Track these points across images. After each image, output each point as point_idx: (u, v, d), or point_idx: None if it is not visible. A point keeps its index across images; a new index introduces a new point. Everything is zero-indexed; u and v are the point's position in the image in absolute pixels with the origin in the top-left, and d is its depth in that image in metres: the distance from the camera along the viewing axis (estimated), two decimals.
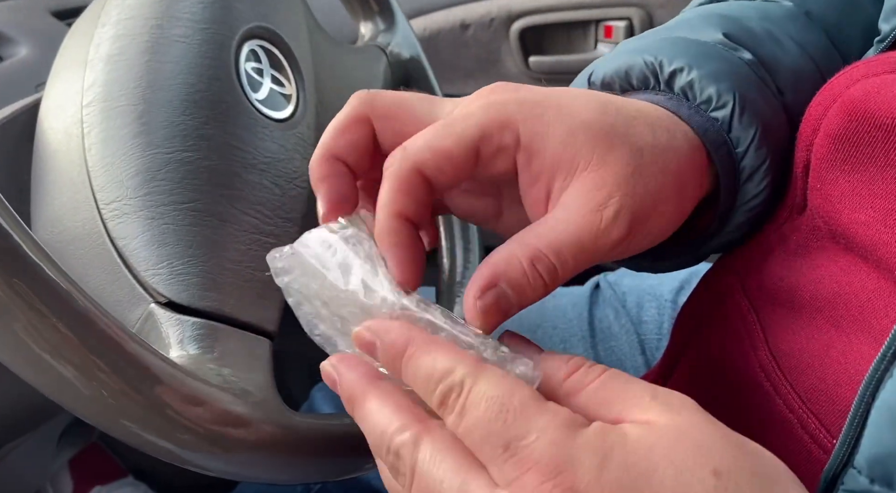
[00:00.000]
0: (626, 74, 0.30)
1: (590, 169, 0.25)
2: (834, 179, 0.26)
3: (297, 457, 0.29)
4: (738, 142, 0.28)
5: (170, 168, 0.32)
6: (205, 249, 0.31)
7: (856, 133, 0.25)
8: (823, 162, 0.26)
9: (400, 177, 0.25)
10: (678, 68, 0.28)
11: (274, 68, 0.38)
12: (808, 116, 0.28)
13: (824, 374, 0.25)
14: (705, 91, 0.28)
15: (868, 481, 0.23)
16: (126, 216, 0.31)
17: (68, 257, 0.32)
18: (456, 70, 0.85)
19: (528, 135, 0.25)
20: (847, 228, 0.26)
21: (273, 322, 0.32)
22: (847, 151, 0.25)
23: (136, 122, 0.32)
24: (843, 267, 0.26)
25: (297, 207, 0.35)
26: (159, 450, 0.26)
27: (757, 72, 0.29)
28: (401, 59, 0.50)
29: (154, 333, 0.29)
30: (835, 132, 0.26)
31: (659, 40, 0.30)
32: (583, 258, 0.25)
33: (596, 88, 0.31)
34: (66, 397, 0.24)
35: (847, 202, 0.26)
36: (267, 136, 0.35)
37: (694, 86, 0.28)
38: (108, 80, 0.33)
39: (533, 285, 0.24)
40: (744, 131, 0.28)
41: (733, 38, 0.30)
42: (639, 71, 0.29)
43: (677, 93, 0.29)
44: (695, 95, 0.28)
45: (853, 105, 0.25)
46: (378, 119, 0.27)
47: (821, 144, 0.27)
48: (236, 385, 0.28)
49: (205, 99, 0.34)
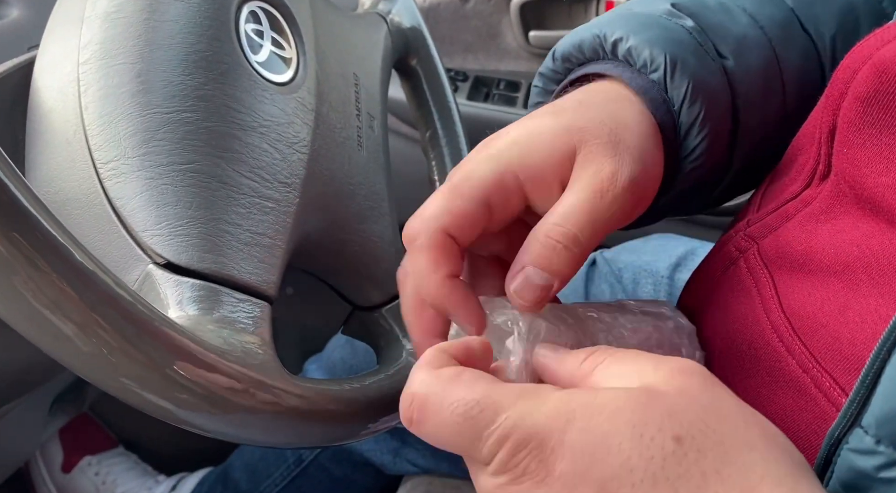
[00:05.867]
0: (580, 48, 0.34)
1: (580, 164, 0.28)
2: (861, 143, 0.26)
3: (296, 420, 0.29)
4: (674, 100, 0.31)
5: (169, 128, 0.31)
6: (204, 210, 0.30)
7: (886, 94, 0.25)
8: (851, 125, 0.27)
9: (435, 243, 0.27)
10: (618, 38, 0.32)
11: (274, 31, 0.38)
12: (835, 80, 0.28)
13: (839, 334, 0.26)
14: (641, 56, 0.31)
15: (874, 441, 0.23)
16: (124, 176, 0.30)
17: (65, 217, 0.31)
18: (455, 43, 0.85)
19: (524, 170, 0.28)
20: (873, 191, 0.26)
21: (272, 286, 0.32)
22: (876, 114, 0.26)
23: (135, 80, 0.31)
24: (866, 232, 0.26)
25: (297, 172, 0.35)
26: (158, 410, 0.26)
27: (697, 37, 0.32)
28: (401, 27, 0.49)
29: (152, 294, 0.29)
30: (864, 94, 0.26)
31: (609, 15, 0.34)
32: (598, 220, 0.27)
33: (558, 63, 0.35)
34: (64, 353, 0.24)
35: (874, 166, 0.26)
36: (267, 99, 0.35)
37: (632, 52, 0.32)
38: (106, 38, 0.32)
39: (555, 255, 0.27)
40: (676, 89, 0.31)
41: (680, 7, 0.34)
42: (588, 44, 0.33)
43: (621, 60, 0.32)
44: (634, 60, 0.32)
45: (884, 66, 0.26)
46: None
47: (849, 107, 0.27)
48: (236, 347, 0.28)
49: (204, 59, 0.33)
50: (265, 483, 0.73)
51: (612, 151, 0.28)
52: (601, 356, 0.25)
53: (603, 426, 0.21)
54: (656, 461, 0.21)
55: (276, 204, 0.33)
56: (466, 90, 0.81)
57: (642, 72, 0.32)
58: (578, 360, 0.25)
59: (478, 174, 0.28)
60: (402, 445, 0.64)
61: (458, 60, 0.86)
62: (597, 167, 0.28)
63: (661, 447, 0.21)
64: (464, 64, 0.85)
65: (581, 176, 0.28)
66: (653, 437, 0.21)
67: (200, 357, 0.25)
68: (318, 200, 0.36)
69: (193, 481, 0.82)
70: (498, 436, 0.22)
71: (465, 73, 0.83)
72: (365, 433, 0.34)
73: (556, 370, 0.26)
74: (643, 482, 0.21)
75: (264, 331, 0.30)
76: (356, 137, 0.40)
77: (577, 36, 0.34)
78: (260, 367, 0.28)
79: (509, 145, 0.29)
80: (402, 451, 0.64)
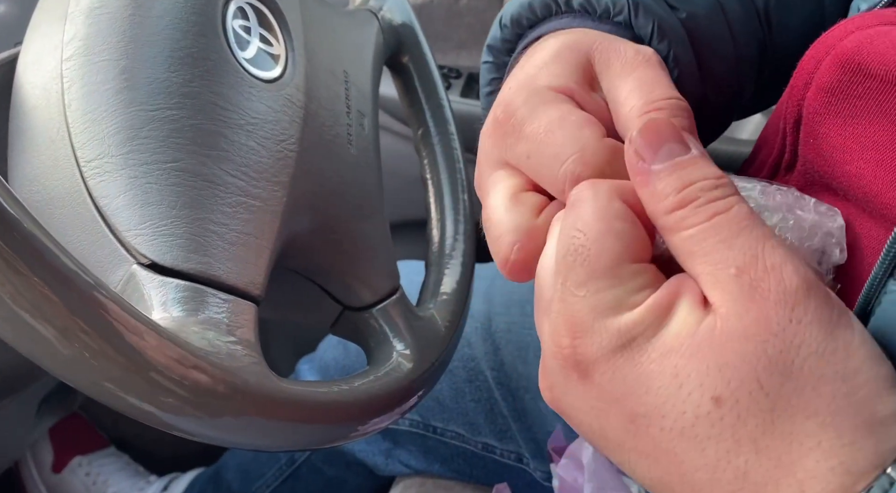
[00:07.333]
0: (530, 7, 0.32)
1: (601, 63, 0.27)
2: (826, 133, 0.26)
3: (284, 423, 0.29)
4: (641, 39, 0.30)
5: (153, 126, 0.31)
6: (189, 209, 0.30)
7: (849, 85, 0.25)
8: (816, 115, 0.27)
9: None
10: None
11: (262, 27, 0.37)
12: (799, 71, 0.28)
13: None
14: (602, 1, 0.31)
15: None
16: (108, 174, 0.30)
17: (47, 217, 0.31)
18: (448, 40, 0.84)
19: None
20: (840, 180, 0.26)
21: (259, 287, 0.31)
22: (839, 104, 0.26)
23: (119, 77, 0.31)
24: (844, 217, 0.26)
25: (285, 171, 0.35)
26: (142, 414, 0.25)
27: None
28: (393, 24, 0.49)
29: (136, 295, 0.28)
30: (827, 85, 0.26)
31: None
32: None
33: (507, 30, 0.33)
34: (45, 357, 0.23)
35: (838, 156, 0.26)
36: (254, 96, 0.34)
37: (591, 0, 0.31)
38: (90, 34, 0.32)
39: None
40: (643, 29, 0.30)
41: None
42: (539, 1, 0.32)
43: (578, 10, 0.31)
44: (593, 7, 0.31)
45: (846, 57, 0.26)
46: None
47: (813, 98, 0.27)
48: (221, 348, 0.27)
49: (190, 56, 0.33)
50: (257, 484, 0.73)
51: (619, 42, 0.27)
52: (692, 215, 0.21)
53: (650, 366, 0.21)
54: (688, 417, 0.20)
55: (264, 203, 0.33)
56: (460, 88, 0.81)
57: (604, 18, 0.31)
58: (666, 199, 0.21)
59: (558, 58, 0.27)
60: (394, 446, 0.64)
61: (452, 57, 0.85)
62: (620, 49, 0.27)
63: (697, 404, 0.20)
64: (457, 61, 0.85)
65: (612, 65, 0.27)
66: (690, 392, 0.20)
67: (184, 360, 0.25)
68: (307, 199, 0.36)
69: (185, 481, 0.82)
70: (566, 302, 0.22)
71: (458, 70, 0.83)
72: (354, 435, 0.34)
73: (643, 188, 0.22)
74: (671, 431, 0.21)
75: (250, 332, 0.29)
76: (346, 134, 0.39)
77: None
78: (245, 369, 0.27)
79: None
80: (395, 452, 0.64)
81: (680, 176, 0.21)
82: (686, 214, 0.21)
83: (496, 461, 0.61)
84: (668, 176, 0.21)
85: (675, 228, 0.21)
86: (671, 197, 0.21)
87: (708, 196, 0.21)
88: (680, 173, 0.21)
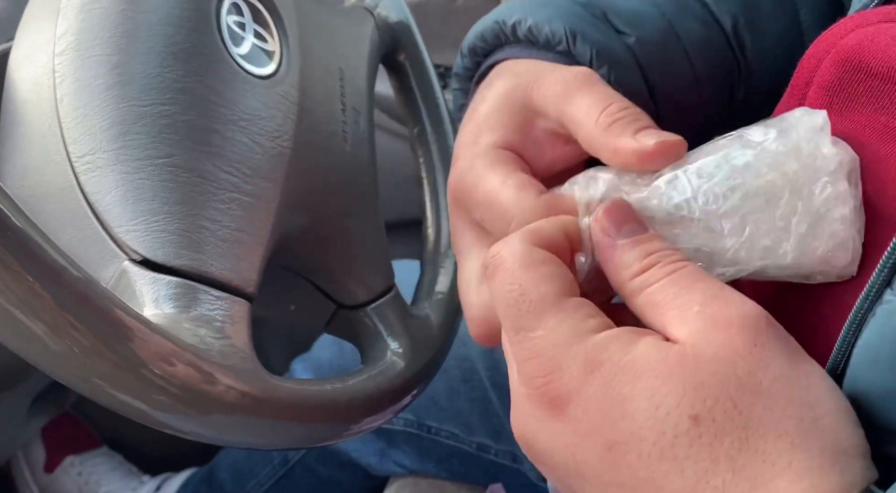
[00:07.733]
0: (482, 37, 0.34)
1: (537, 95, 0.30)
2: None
3: (276, 421, 0.29)
4: (583, 65, 0.32)
5: (146, 121, 0.30)
6: (182, 206, 0.30)
7: (850, 82, 0.26)
8: None
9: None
10: (517, 20, 0.33)
11: (257, 23, 0.37)
12: (800, 69, 0.28)
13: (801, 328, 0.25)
14: (542, 32, 0.32)
15: None
16: (100, 170, 0.29)
17: (39, 212, 0.30)
18: (444, 39, 0.84)
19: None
20: None
21: (252, 284, 0.31)
22: (840, 101, 0.26)
23: (111, 72, 0.31)
24: None
25: (279, 168, 0.34)
26: (133, 411, 0.25)
27: (592, 12, 0.34)
28: (388, 22, 0.48)
29: (128, 291, 0.28)
30: (828, 83, 0.26)
31: (509, 2, 0.35)
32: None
33: (466, 59, 0.36)
34: (35, 354, 0.23)
35: None
36: (248, 92, 0.34)
37: (533, 31, 0.33)
38: (82, 29, 0.32)
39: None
40: (582, 56, 0.32)
41: None
42: (490, 31, 0.34)
43: (523, 40, 0.33)
44: (536, 37, 0.33)
45: (847, 55, 0.26)
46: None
47: (814, 96, 0.27)
48: (214, 346, 0.27)
49: (183, 51, 0.32)
50: (250, 484, 0.73)
51: (559, 70, 0.30)
52: (653, 275, 0.23)
53: (623, 389, 0.21)
54: (667, 437, 0.21)
55: (257, 200, 0.33)
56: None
57: (546, 48, 0.33)
58: (630, 268, 0.24)
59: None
60: (388, 446, 0.63)
61: (448, 56, 0.85)
62: (560, 78, 0.29)
63: (675, 424, 0.21)
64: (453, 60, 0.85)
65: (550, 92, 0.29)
66: (668, 411, 0.21)
67: (176, 357, 0.25)
68: (301, 196, 0.36)
69: (178, 481, 0.81)
70: (526, 348, 0.23)
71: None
72: (348, 434, 0.33)
73: (608, 261, 0.25)
74: (650, 455, 0.21)
75: (243, 330, 0.29)
76: (341, 132, 0.39)
77: (479, 26, 0.35)
78: (237, 367, 0.27)
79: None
80: (389, 452, 0.64)
81: (642, 248, 0.24)
82: (649, 275, 0.24)
83: (491, 460, 0.61)
84: (632, 249, 0.24)
85: (640, 289, 0.24)
86: (636, 264, 0.24)
87: (667, 259, 0.24)
88: (641, 246, 0.24)
